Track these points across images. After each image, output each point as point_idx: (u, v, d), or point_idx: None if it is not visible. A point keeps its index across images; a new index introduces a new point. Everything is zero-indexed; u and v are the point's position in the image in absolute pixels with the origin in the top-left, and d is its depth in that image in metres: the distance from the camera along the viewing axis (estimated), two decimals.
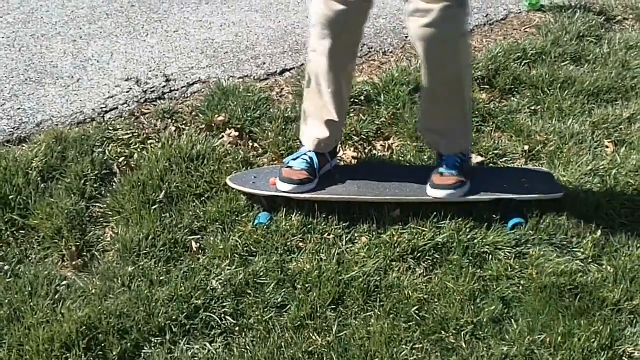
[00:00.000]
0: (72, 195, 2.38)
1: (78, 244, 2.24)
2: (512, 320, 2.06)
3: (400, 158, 2.64)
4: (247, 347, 1.95)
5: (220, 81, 3.01)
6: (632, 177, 2.59)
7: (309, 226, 2.29)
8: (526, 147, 2.73)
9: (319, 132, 2.37)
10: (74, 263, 2.19)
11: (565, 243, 2.30)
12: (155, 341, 1.96)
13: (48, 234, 2.26)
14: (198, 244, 2.26)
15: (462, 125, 2.38)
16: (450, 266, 2.20)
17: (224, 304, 2.05)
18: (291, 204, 2.34)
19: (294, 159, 2.38)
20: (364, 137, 2.74)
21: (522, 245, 2.28)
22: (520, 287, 2.15)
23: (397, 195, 2.34)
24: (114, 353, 1.91)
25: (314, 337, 1.98)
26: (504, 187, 2.40)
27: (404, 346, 1.96)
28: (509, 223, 2.33)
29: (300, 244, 2.25)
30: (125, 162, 2.56)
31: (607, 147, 2.78)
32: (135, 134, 2.69)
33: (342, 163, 2.60)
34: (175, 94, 2.96)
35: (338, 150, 2.53)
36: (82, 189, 2.42)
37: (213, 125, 2.75)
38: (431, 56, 2.14)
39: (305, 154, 2.39)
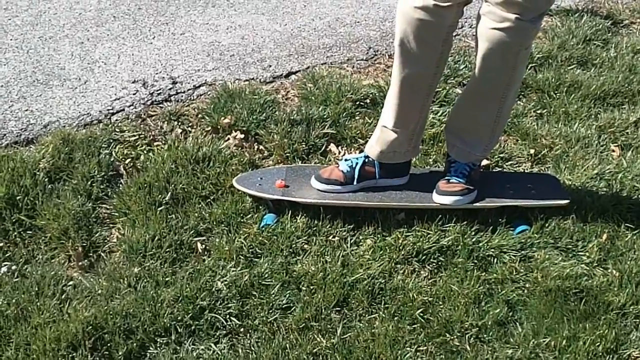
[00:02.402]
0: (79, 196, 2.39)
1: (84, 244, 2.26)
2: (517, 323, 2.06)
3: None
4: (252, 348, 1.96)
5: (226, 83, 3.02)
6: (638, 181, 2.59)
7: (314, 228, 2.30)
8: (532, 151, 2.73)
9: (375, 134, 2.37)
10: (80, 263, 2.21)
11: (570, 247, 2.30)
12: (161, 341, 1.97)
13: (55, 235, 2.27)
14: (203, 245, 2.26)
15: (486, 139, 2.34)
16: (455, 269, 2.20)
17: (229, 305, 2.06)
18: (296, 206, 2.34)
19: (346, 160, 2.39)
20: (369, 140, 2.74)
21: (527, 249, 2.28)
22: (525, 291, 2.15)
23: (402, 201, 2.34)
24: (120, 353, 1.92)
25: (318, 339, 1.99)
26: (509, 192, 2.40)
27: (408, 348, 1.97)
28: (516, 230, 2.33)
29: (305, 246, 2.25)
30: (132, 164, 2.58)
31: (613, 151, 2.77)
32: (141, 136, 2.70)
33: None
34: (182, 96, 2.97)
35: (408, 174, 2.44)
36: (89, 190, 2.43)
37: (219, 127, 2.76)
38: (489, 58, 2.14)
39: (358, 158, 2.38)
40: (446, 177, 2.35)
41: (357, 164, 2.37)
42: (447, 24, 2.15)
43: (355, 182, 2.36)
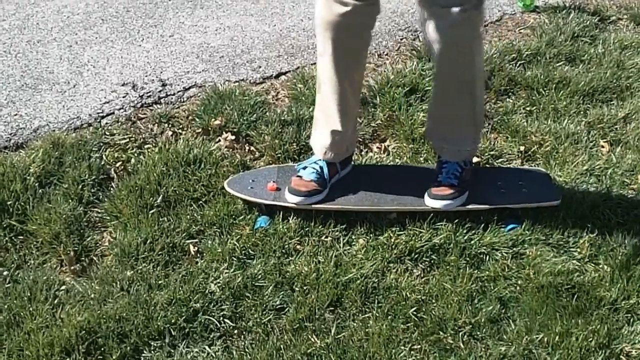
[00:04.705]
0: (70, 201, 2.39)
1: (76, 248, 2.25)
2: (510, 320, 2.07)
3: (397, 160, 2.65)
4: (246, 349, 1.96)
5: (216, 85, 3.02)
6: (628, 176, 2.61)
7: (307, 229, 2.30)
8: (522, 148, 2.74)
9: (327, 141, 2.35)
10: (72, 268, 2.20)
11: (561, 243, 2.31)
12: (155, 345, 1.96)
13: (46, 239, 2.26)
14: (196, 248, 2.26)
15: (470, 132, 2.35)
16: (448, 267, 2.21)
17: (223, 307, 2.06)
18: (288, 207, 2.34)
19: (304, 168, 2.38)
20: (360, 140, 2.75)
21: (519, 246, 2.29)
22: (518, 287, 2.16)
23: (394, 205, 2.35)
24: (114, 357, 1.91)
25: (312, 339, 1.99)
26: (501, 192, 2.40)
27: (402, 347, 1.97)
28: (507, 227, 2.34)
29: (298, 247, 2.26)
30: (122, 167, 2.57)
31: (603, 146, 2.79)
32: (132, 139, 2.70)
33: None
34: (172, 98, 2.96)
35: (352, 160, 2.49)
36: (80, 194, 2.42)
37: (209, 129, 2.76)
38: (446, 57, 2.16)
39: (315, 163, 2.38)
40: (438, 180, 2.35)
41: (321, 167, 2.36)
42: (377, 12, 2.19)
43: (328, 185, 2.37)
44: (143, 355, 1.94)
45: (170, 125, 2.80)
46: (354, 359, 1.94)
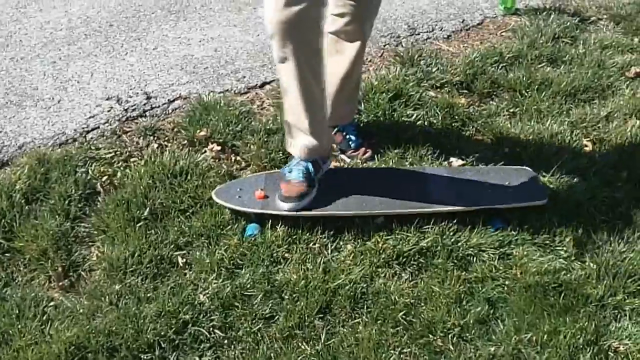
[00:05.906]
0: (57, 216, 2.38)
1: (64, 264, 2.25)
2: (498, 320, 2.08)
3: (382, 165, 2.66)
4: (237, 359, 1.96)
5: (201, 96, 3.02)
6: (612, 174, 2.63)
7: (294, 237, 2.31)
8: (506, 150, 2.76)
9: (307, 141, 2.37)
10: (60, 284, 2.19)
11: (547, 242, 2.33)
12: (145, 358, 1.96)
13: (34, 256, 2.26)
14: (184, 259, 2.26)
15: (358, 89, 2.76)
16: (436, 270, 2.22)
17: (212, 318, 2.06)
18: (277, 215, 2.35)
19: (290, 171, 2.39)
20: None
21: (506, 246, 2.31)
22: (505, 288, 2.17)
23: (381, 208, 2.36)
24: None
25: (302, 347, 1.99)
26: (487, 192, 2.42)
27: (392, 351, 1.98)
28: (493, 228, 2.35)
29: (286, 255, 2.26)
30: (109, 181, 2.57)
31: (586, 145, 2.81)
32: (117, 153, 2.70)
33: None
34: (157, 111, 2.97)
35: (331, 153, 2.56)
36: (67, 210, 2.42)
37: (195, 140, 2.76)
38: (359, 54, 2.55)
39: (299, 163, 2.40)
40: (357, 144, 2.69)
41: (306, 166, 2.38)
42: (326, 3, 2.26)
43: (316, 183, 2.39)
44: None
45: (155, 138, 2.80)
46: None
